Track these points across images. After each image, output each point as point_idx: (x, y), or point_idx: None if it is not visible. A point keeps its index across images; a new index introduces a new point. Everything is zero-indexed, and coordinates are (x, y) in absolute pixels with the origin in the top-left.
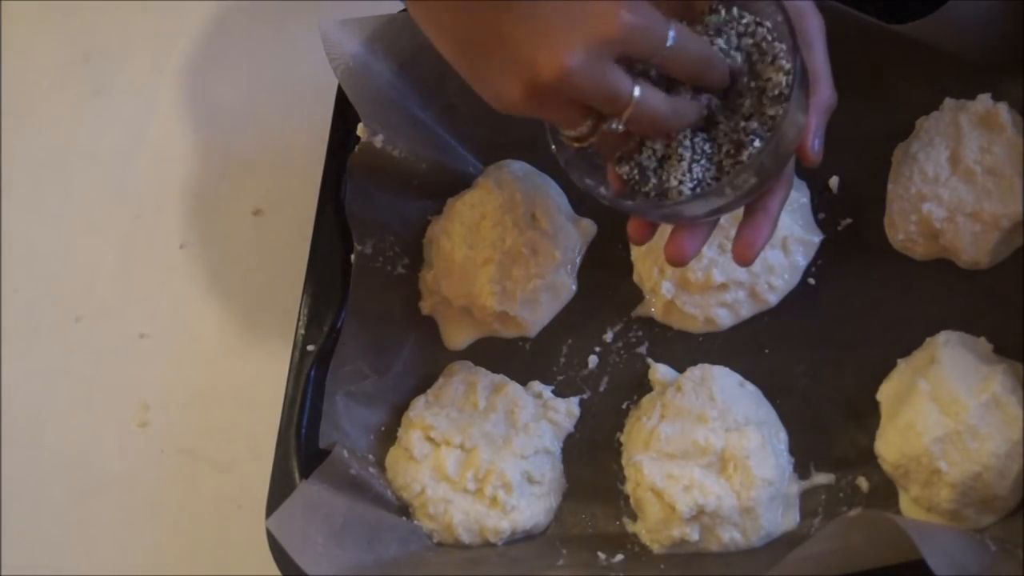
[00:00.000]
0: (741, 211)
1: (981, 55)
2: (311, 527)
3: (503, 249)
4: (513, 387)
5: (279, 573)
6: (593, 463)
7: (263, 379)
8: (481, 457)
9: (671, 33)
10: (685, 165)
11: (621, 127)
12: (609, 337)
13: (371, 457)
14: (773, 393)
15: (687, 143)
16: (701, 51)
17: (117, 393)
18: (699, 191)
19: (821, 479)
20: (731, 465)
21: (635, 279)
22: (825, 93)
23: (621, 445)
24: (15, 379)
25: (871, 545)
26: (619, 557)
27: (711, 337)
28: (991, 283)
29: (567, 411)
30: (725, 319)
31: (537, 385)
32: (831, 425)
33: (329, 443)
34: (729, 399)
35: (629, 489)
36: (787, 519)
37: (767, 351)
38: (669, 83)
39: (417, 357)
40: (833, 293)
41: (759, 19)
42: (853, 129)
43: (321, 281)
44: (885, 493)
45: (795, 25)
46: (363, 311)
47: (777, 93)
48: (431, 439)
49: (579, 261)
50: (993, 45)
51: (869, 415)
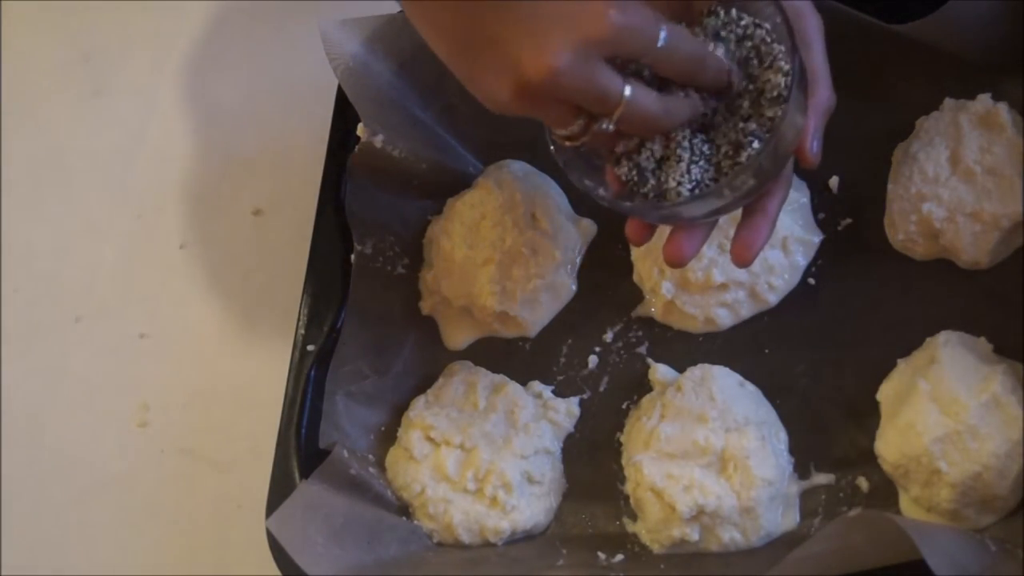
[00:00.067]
0: (740, 211)
1: (981, 55)
2: (311, 527)
3: (503, 249)
4: (513, 387)
5: (279, 573)
6: (593, 463)
7: (263, 379)
8: (481, 457)
9: (662, 33)
10: (683, 166)
11: (611, 127)
12: (609, 337)
13: (371, 457)
14: (773, 393)
15: (686, 144)
16: (694, 51)
17: (117, 393)
18: (698, 192)
19: (821, 479)
20: (731, 465)
21: (635, 279)
22: (824, 94)
23: (621, 445)
24: (15, 379)
25: (871, 545)
26: (619, 557)
27: (711, 337)
28: (991, 283)
29: (567, 411)
30: (725, 319)
31: (537, 385)
32: (831, 425)
33: (329, 443)
34: (729, 399)
35: (629, 489)
36: (787, 519)
37: (767, 351)
38: (665, 83)
39: (417, 357)
40: (833, 293)
41: (758, 20)
42: (853, 129)
43: (321, 281)
44: (885, 493)
45: (794, 26)
46: (363, 311)
47: (776, 94)
48: (431, 439)
49: (579, 261)
50: (993, 45)
51: (869, 415)
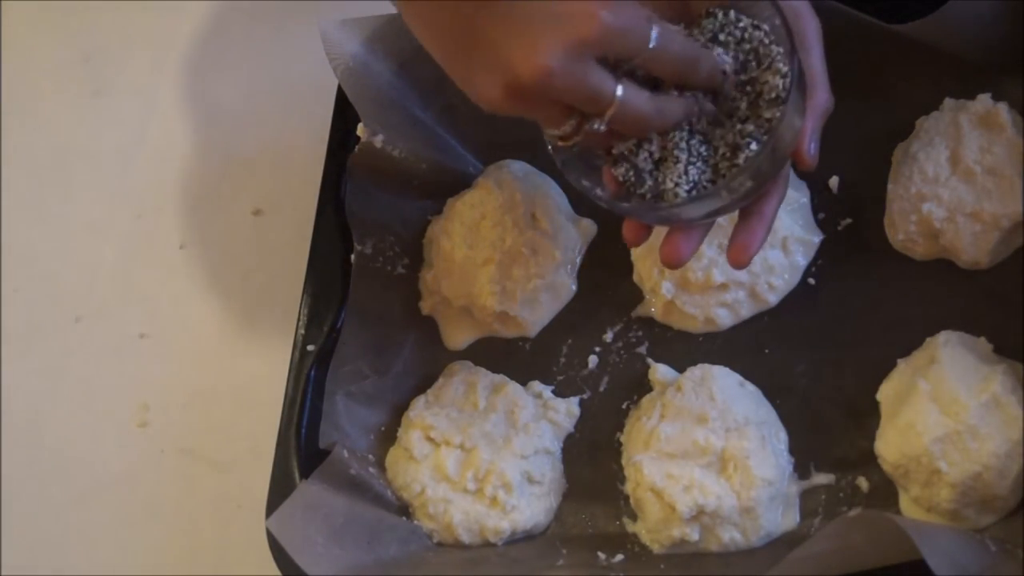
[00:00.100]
0: (739, 212)
1: (981, 55)
2: (311, 527)
3: (503, 249)
4: (513, 387)
5: (279, 573)
6: (593, 463)
7: (263, 379)
8: (481, 457)
9: (653, 33)
10: (681, 167)
11: (603, 127)
12: (609, 337)
13: (371, 457)
14: (773, 393)
15: (683, 145)
16: (686, 51)
17: (117, 393)
18: (695, 194)
19: (821, 479)
20: (731, 465)
21: (635, 279)
22: (822, 96)
23: (621, 445)
24: (15, 379)
25: (871, 545)
26: (619, 557)
27: (711, 337)
28: (991, 283)
29: (567, 411)
30: (725, 319)
31: (537, 385)
32: (831, 425)
33: (329, 443)
34: (729, 399)
35: (629, 489)
36: (787, 519)
37: (767, 351)
38: (659, 83)
39: (417, 357)
40: (833, 293)
41: (756, 22)
42: (853, 129)
43: (321, 281)
44: (885, 493)
45: (792, 28)
46: (363, 311)
47: (774, 96)
48: (431, 439)
49: (579, 261)
50: (993, 45)
51: (869, 415)
